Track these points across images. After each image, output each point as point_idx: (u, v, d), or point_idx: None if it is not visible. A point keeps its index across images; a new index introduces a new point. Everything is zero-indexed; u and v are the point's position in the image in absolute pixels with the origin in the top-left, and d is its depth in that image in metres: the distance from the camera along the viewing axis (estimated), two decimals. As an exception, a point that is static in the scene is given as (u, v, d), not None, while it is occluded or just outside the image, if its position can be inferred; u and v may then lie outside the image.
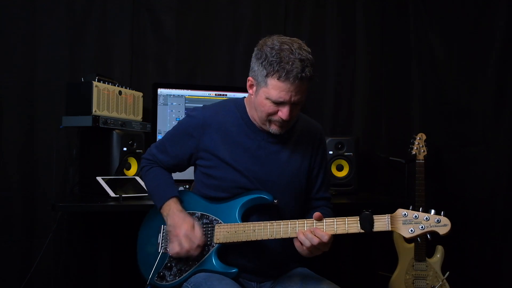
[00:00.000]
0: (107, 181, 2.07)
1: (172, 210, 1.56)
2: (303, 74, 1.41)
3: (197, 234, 1.50)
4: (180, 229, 1.50)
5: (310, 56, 1.45)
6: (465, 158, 2.68)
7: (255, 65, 1.49)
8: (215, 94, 2.51)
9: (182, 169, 1.72)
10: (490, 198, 2.60)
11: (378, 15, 2.98)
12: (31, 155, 2.45)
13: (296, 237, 1.44)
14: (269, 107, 1.48)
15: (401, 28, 2.95)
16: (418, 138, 2.54)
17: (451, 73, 2.75)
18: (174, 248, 1.51)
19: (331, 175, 2.50)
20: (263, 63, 1.44)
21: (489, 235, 2.59)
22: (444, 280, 2.45)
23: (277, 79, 1.42)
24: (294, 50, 1.42)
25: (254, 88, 1.53)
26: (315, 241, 1.40)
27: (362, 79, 2.95)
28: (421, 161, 2.50)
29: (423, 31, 2.85)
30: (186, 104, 2.48)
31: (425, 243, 2.47)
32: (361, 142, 2.76)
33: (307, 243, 1.41)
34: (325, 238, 1.40)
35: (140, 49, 2.66)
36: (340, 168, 2.57)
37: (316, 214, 1.44)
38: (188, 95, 2.48)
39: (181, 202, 1.61)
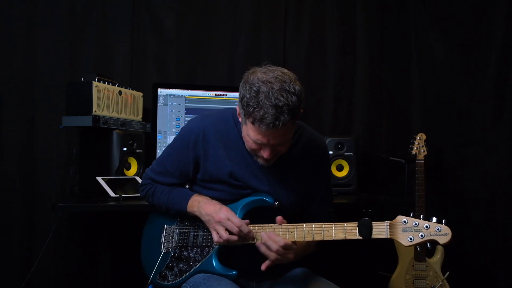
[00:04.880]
0: (107, 181, 2.07)
1: (202, 201, 1.54)
2: (276, 122, 1.33)
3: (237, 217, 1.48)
4: (218, 214, 1.48)
5: (292, 98, 1.33)
6: (465, 158, 2.68)
7: (239, 98, 1.42)
8: (215, 94, 2.51)
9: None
10: (490, 198, 2.59)
11: (378, 15, 2.98)
12: (31, 155, 2.45)
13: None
14: (252, 144, 1.44)
15: (401, 28, 2.95)
16: (418, 138, 2.54)
17: (451, 73, 2.75)
18: (222, 236, 1.47)
19: (331, 175, 2.50)
20: (242, 101, 1.38)
21: (489, 235, 2.59)
22: (444, 280, 2.45)
23: (251, 123, 1.38)
24: (271, 94, 1.32)
25: (240, 118, 1.47)
26: (274, 247, 1.41)
27: (362, 79, 2.95)
28: (421, 161, 2.50)
29: (423, 31, 2.85)
30: (186, 104, 2.48)
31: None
32: (361, 142, 2.75)
33: (264, 248, 1.43)
34: (281, 243, 1.41)
35: (140, 49, 2.66)
36: (340, 168, 2.57)
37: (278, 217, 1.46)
38: (188, 95, 2.48)
39: None
